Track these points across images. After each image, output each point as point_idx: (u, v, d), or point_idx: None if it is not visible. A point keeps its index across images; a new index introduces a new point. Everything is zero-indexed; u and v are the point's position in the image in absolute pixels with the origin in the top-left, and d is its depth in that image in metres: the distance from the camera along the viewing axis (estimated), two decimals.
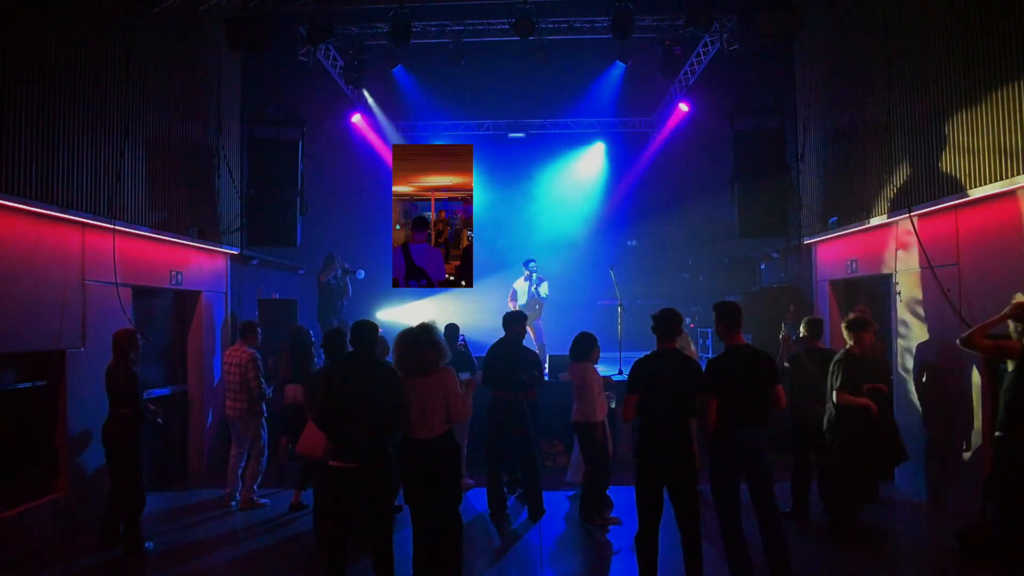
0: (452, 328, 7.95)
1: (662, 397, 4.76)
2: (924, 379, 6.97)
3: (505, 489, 7.10)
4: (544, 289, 10.91)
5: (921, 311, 7.03)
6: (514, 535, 6.40)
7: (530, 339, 9.86)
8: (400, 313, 13.61)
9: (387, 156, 13.21)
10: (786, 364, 6.76)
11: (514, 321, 7.05)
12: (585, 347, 6.58)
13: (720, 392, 4.79)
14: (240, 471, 7.37)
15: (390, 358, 6.91)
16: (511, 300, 10.99)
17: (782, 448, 7.42)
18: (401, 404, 4.89)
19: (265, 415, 7.39)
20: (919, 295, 7.04)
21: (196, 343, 8.90)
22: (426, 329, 4.95)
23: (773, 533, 4.88)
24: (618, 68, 12.17)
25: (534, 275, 10.95)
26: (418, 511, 4.95)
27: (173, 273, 8.21)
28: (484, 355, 7.16)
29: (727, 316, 4.99)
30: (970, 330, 5.01)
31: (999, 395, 6.08)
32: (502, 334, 7.07)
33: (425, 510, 4.93)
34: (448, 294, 13.00)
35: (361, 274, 10.96)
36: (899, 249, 7.29)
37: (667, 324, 4.94)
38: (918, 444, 7.03)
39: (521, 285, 11.02)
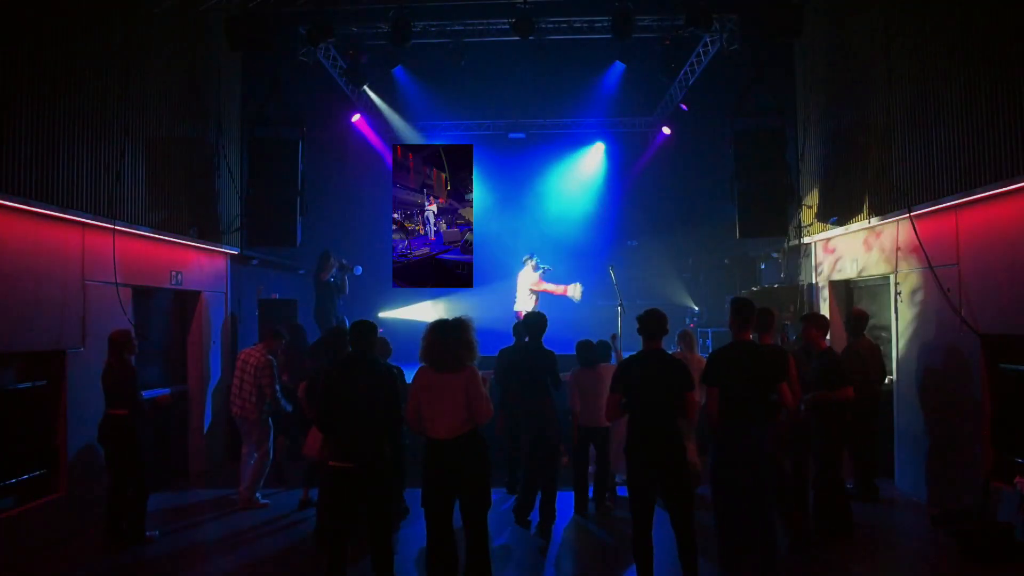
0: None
1: (648, 397, 4.79)
2: (924, 379, 6.97)
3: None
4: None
5: (921, 311, 7.03)
6: (534, 540, 6.31)
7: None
8: (401, 313, 13.62)
9: (387, 156, 13.24)
10: None
11: (535, 330, 6.87)
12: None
13: (718, 383, 4.84)
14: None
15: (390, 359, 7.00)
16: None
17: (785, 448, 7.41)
18: (399, 405, 4.87)
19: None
20: (919, 295, 7.04)
21: (196, 343, 8.89)
22: (461, 324, 4.79)
23: (763, 530, 4.91)
24: (618, 68, 12.17)
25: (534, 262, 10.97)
26: (438, 517, 4.70)
27: (173, 273, 8.21)
28: (497, 356, 6.99)
29: (739, 312, 5.08)
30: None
31: (999, 396, 6.12)
32: (503, 331, 7.01)
33: (446, 516, 4.71)
34: (448, 294, 13.02)
35: (359, 270, 10.96)
36: (899, 249, 7.29)
37: (652, 324, 4.97)
38: (918, 444, 7.04)
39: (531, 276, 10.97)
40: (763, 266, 11.18)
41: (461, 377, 4.70)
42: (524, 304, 10.84)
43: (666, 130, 13.30)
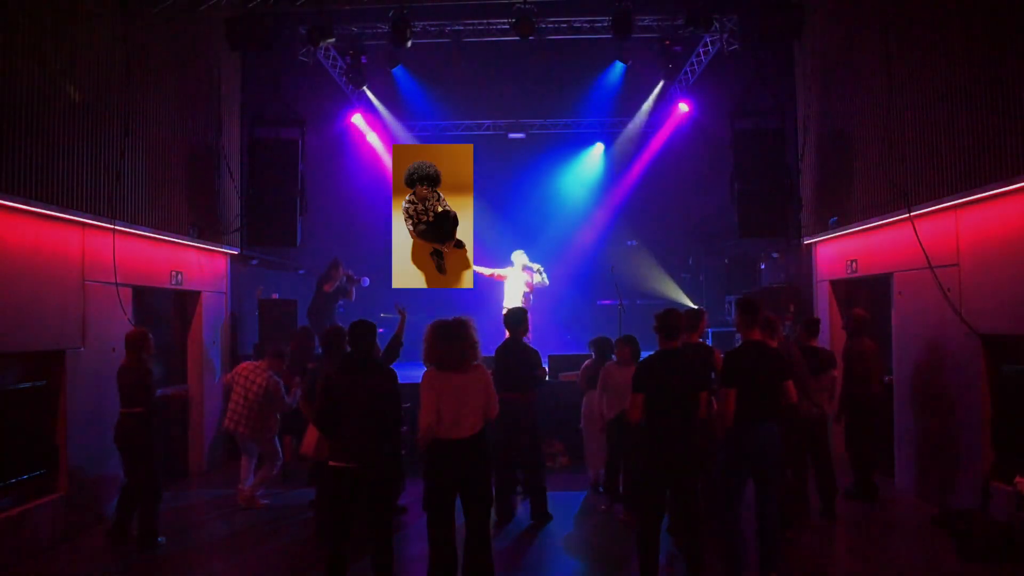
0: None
1: (668, 396, 4.78)
2: (924, 379, 6.97)
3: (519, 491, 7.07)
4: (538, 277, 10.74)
5: (921, 311, 7.02)
6: (528, 541, 6.31)
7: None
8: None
9: (387, 156, 13.22)
10: None
11: (517, 322, 6.93)
12: None
13: (735, 384, 4.85)
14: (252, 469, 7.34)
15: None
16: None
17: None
18: (400, 405, 4.87)
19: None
20: (919, 295, 7.03)
21: (196, 343, 8.89)
22: (463, 324, 4.78)
23: (769, 529, 4.93)
24: (618, 68, 12.16)
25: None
26: (443, 518, 4.68)
27: (173, 273, 8.21)
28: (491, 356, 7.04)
29: (746, 311, 5.12)
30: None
31: (999, 396, 6.11)
32: (501, 332, 7.02)
33: (451, 516, 4.70)
34: (448, 294, 13.00)
35: (366, 281, 10.88)
36: (899, 249, 7.28)
37: (670, 324, 4.97)
38: (919, 444, 7.04)
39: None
40: (763, 266, 11.19)
41: (478, 376, 4.73)
42: (512, 302, 10.73)
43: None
